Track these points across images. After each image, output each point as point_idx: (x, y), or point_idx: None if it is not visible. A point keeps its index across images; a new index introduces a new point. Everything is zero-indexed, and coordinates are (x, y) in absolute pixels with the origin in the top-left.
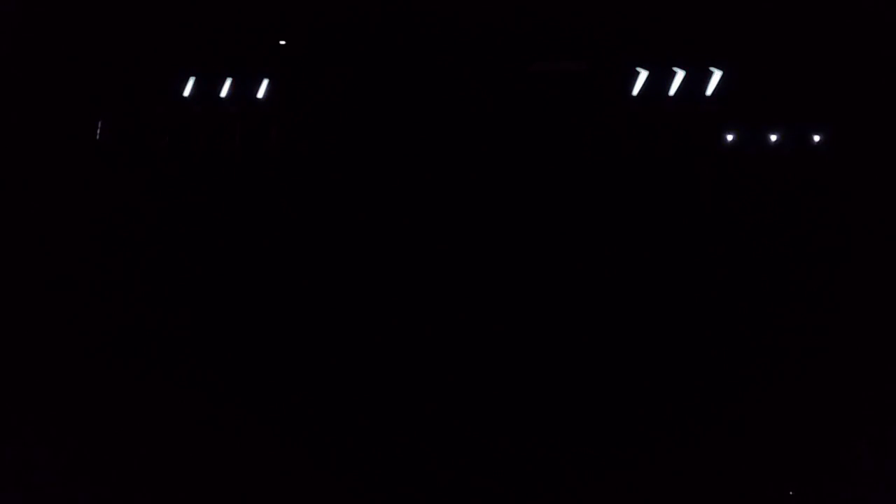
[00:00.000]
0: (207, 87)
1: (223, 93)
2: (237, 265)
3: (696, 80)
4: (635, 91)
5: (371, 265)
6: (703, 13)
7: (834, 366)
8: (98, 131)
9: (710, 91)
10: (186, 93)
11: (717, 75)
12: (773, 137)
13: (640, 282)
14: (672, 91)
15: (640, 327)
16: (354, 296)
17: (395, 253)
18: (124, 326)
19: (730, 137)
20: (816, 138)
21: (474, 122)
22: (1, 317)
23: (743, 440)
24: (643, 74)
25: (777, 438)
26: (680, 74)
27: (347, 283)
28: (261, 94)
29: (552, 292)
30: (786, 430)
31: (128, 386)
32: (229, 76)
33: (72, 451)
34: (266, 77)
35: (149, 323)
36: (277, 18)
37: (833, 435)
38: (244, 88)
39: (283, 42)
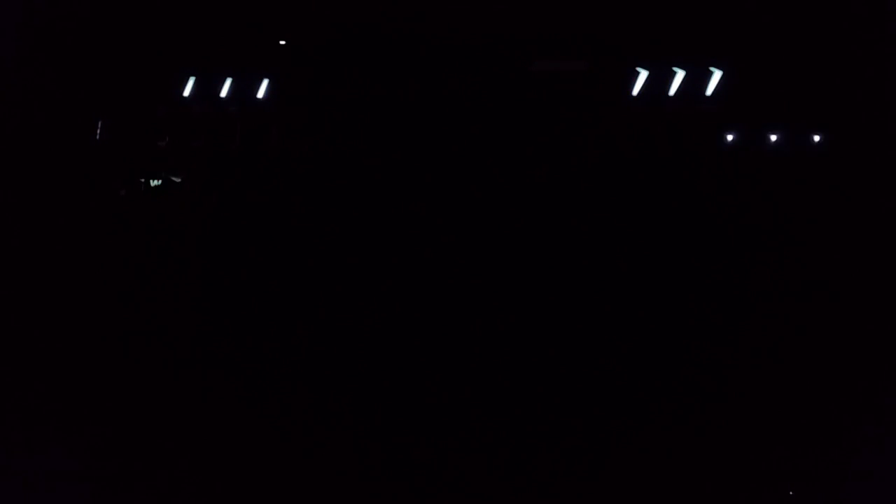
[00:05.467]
0: (207, 87)
1: (223, 93)
2: (237, 265)
3: (696, 80)
4: (635, 91)
5: (372, 265)
6: (703, 13)
7: (834, 365)
8: (98, 131)
9: (710, 91)
10: (186, 93)
11: (717, 75)
12: (773, 137)
13: (640, 281)
14: (672, 91)
15: (640, 327)
16: (355, 295)
17: (395, 252)
18: (124, 326)
19: (730, 137)
20: (816, 138)
21: (474, 121)
22: (1, 317)
23: (743, 440)
24: (643, 74)
25: (777, 438)
26: (680, 74)
27: (348, 282)
28: (261, 94)
29: (552, 291)
30: (786, 430)
31: (126, 386)
32: (229, 76)
33: (73, 451)
34: (266, 77)
35: (149, 323)
36: (277, 18)
37: (833, 435)
38: (244, 88)
39: (283, 42)
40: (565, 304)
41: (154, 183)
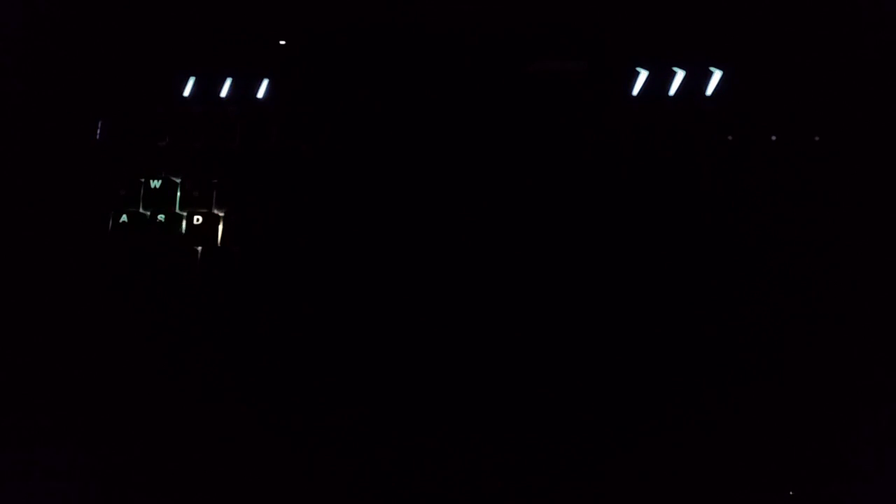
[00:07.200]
0: (207, 87)
1: (223, 93)
2: (236, 265)
3: (696, 80)
4: (635, 91)
5: (371, 266)
6: (703, 13)
7: (834, 366)
8: (98, 131)
9: (710, 91)
10: (186, 93)
11: (717, 75)
12: (773, 137)
13: (641, 282)
14: (672, 91)
15: (640, 328)
16: (355, 296)
17: (395, 253)
18: (123, 328)
19: (730, 137)
20: (817, 138)
21: (473, 121)
22: (0, 317)
23: (743, 440)
24: (643, 74)
25: (777, 438)
26: (680, 74)
27: (348, 283)
28: (261, 94)
29: (553, 293)
30: (786, 429)
31: (127, 388)
32: (229, 76)
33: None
34: (266, 77)
35: (149, 323)
36: (277, 18)
37: (833, 435)
38: (244, 88)
39: (283, 42)
40: (566, 305)
41: (154, 183)
